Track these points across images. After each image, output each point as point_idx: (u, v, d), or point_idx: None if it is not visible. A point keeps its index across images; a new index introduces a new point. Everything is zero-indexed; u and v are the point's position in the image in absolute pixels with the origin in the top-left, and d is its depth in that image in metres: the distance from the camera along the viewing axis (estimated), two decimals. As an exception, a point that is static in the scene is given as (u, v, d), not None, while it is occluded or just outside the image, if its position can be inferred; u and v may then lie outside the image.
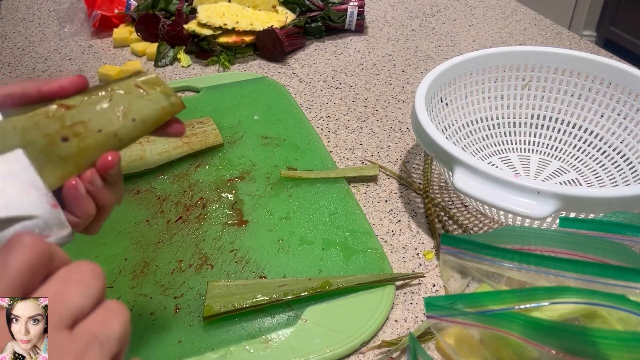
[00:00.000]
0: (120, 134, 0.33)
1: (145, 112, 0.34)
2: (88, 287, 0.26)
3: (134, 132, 0.34)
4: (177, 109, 0.35)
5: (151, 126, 0.35)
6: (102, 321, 0.26)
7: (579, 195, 0.46)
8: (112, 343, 0.26)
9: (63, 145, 0.31)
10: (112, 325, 0.26)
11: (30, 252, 0.25)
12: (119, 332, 0.26)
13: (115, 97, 0.33)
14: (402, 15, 1.05)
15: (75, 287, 0.26)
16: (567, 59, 0.65)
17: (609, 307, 0.34)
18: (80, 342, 0.25)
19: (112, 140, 0.33)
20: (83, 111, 0.32)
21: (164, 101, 0.34)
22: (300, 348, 0.46)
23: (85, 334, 0.25)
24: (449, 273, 0.43)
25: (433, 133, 0.53)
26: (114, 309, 0.27)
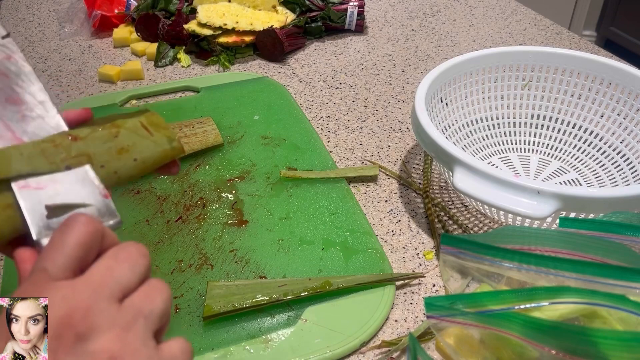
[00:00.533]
0: (120, 172, 0.34)
1: (147, 154, 0.35)
2: (135, 264, 0.28)
3: (133, 172, 0.35)
4: (177, 153, 0.36)
5: (150, 167, 0.36)
6: (147, 297, 0.28)
7: (579, 195, 0.46)
8: (155, 318, 0.28)
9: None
10: (156, 301, 0.28)
11: (85, 229, 0.28)
12: (161, 308, 0.28)
13: (121, 135, 0.34)
14: (402, 15, 1.05)
15: (124, 263, 0.28)
16: (567, 59, 0.65)
17: (609, 307, 0.34)
18: (128, 315, 0.27)
19: (111, 177, 0.34)
20: (89, 144, 0.33)
21: (166, 145, 0.36)
22: (300, 348, 0.46)
23: (132, 307, 0.27)
24: (449, 273, 0.43)
25: (433, 133, 0.53)
26: (157, 286, 0.29)
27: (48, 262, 0.27)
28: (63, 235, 0.27)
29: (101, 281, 0.27)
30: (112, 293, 0.27)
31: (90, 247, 0.28)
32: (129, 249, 0.29)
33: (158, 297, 0.28)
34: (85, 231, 0.28)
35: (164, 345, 0.28)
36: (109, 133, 0.34)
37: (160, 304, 0.28)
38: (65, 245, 0.27)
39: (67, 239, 0.27)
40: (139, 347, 0.26)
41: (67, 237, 0.27)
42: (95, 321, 0.25)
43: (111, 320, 0.26)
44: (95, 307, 0.26)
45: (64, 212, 0.30)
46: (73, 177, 0.31)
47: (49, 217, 0.29)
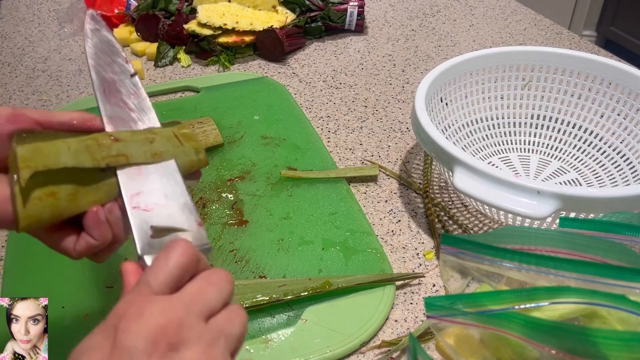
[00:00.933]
0: None
1: (177, 162, 0.38)
2: (222, 288, 0.31)
3: None
4: (202, 165, 0.40)
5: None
6: (229, 319, 0.31)
7: (579, 195, 0.46)
8: (234, 339, 0.30)
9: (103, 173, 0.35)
10: (236, 324, 0.31)
11: (186, 252, 0.31)
12: (240, 331, 0.31)
13: (156, 141, 0.37)
14: (402, 15, 1.05)
15: (213, 286, 0.31)
16: (567, 59, 0.65)
17: (609, 307, 0.34)
18: (212, 333, 0.29)
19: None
20: (128, 146, 0.36)
21: (194, 155, 0.39)
22: (300, 348, 0.46)
23: (216, 326, 0.30)
24: (449, 273, 0.43)
25: (433, 133, 0.53)
26: (237, 311, 0.32)
27: (152, 278, 0.30)
28: (167, 255, 0.31)
29: (193, 300, 0.30)
30: (201, 311, 0.29)
31: (188, 269, 0.31)
32: (218, 274, 0.32)
33: (238, 321, 0.31)
34: (186, 254, 0.31)
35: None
36: (146, 138, 0.37)
37: (239, 328, 0.31)
38: (168, 265, 0.30)
39: (170, 260, 0.31)
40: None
41: (170, 258, 0.31)
42: (186, 334, 0.28)
43: (199, 336, 0.29)
44: (186, 322, 0.28)
45: (166, 234, 0.34)
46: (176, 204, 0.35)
47: (152, 237, 0.33)
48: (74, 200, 0.34)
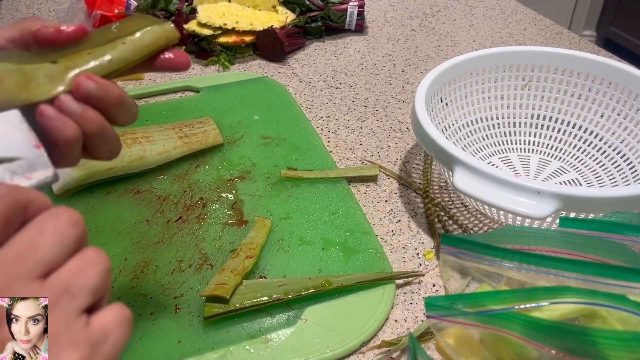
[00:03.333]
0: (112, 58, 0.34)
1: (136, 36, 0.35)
2: (63, 235, 0.25)
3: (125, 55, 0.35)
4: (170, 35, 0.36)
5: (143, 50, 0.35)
6: (77, 271, 0.25)
7: (579, 195, 0.46)
8: (85, 294, 0.25)
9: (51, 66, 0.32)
10: (87, 275, 0.25)
11: (2, 202, 0.25)
12: (94, 283, 0.26)
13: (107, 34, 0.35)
14: (402, 15, 1.05)
15: (50, 236, 0.25)
16: (567, 59, 0.65)
17: (609, 307, 0.34)
18: (49, 293, 0.24)
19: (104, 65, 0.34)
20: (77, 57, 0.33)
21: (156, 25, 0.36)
22: (300, 348, 0.46)
23: (56, 285, 0.25)
24: (449, 273, 0.43)
25: (433, 133, 0.53)
26: (91, 258, 0.26)
27: None
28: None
29: (19, 258, 0.24)
30: (33, 270, 0.24)
31: (10, 220, 0.25)
32: (57, 218, 0.26)
33: (91, 270, 0.26)
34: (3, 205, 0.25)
35: (95, 320, 0.26)
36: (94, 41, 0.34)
37: (93, 278, 0.25)
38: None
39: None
40: (61, 329, 0.24)
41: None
42: None
43: None
44: (9, 290, 0.23)
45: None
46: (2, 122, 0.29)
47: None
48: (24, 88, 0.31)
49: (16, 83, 0.31)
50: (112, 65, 0.34)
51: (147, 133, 0.65)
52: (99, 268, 0.26)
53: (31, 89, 0.31)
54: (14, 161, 0.28)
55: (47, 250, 0.25)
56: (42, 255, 0.25)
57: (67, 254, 0.26)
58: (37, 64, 0.32)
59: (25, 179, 0.29)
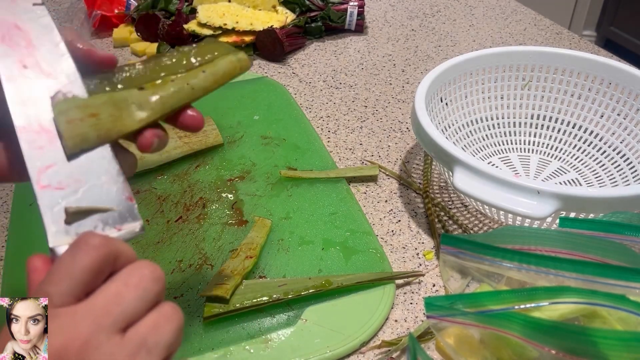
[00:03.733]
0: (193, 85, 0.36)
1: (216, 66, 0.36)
2: (145, 290, 0.26)
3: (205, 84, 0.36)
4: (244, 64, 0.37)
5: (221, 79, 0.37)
6: (154, 326, 0.26)
7: (579, 195, 0.46)
8: (160, 349, 0.26)
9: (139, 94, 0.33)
10: (163, 331, 0.26)
11: (96, 254, 0.26)
12: (169, 339, 0.26)
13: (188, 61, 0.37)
14: (402, 15, 1.05)
15: (134, 290, 0.26)
16: (567, 59, 0.65)
17: (609, 307, 0.34)
18: (129, 348, 0.25)
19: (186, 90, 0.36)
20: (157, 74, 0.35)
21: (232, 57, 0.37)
22: (300, 348, 0.46)
23: (135, 339, 0.25)
24: (449, 273, 0.43)
25: (433, 133, 0.53)
26: (168, 313, 0.27)
27: (52, 287, 0.25)
28: (72, 258, 0.25)
29: (105, 309, 0.25)
30: (115, 323, 0.25)
31: (100, 270, 0.26)
32: (141, 272, 0.27)
33: (167, 326, 0.26)
34: (97, 256, 0.26)
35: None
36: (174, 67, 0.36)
37: (168, 335, 0.26)
38: (73, 271, 0.25)
39: (76, 264, 0.25)
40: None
41: (76, 261, 0.25)
42: (91, 355, 0.24)
43: (109, 355, 0.24)
44: (93, 340, 0.24)
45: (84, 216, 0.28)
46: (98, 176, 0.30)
47: (67, 222, 0.28)
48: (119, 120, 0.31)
49: (111, 116, 0.31)
50: (195, 94, 0.36)
51: (147, 133, 0.65)
52: (175, 324, 0.27)
53: (123, 119, 0.32)
54: (107, 212, 0.29)
55: (131, 303, 0.25)
56: (126, 309, 0.25)
57: (147, 309, 0.26)
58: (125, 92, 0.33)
59: (115, 230, 0.30)
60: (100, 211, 0.29)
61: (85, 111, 0.31)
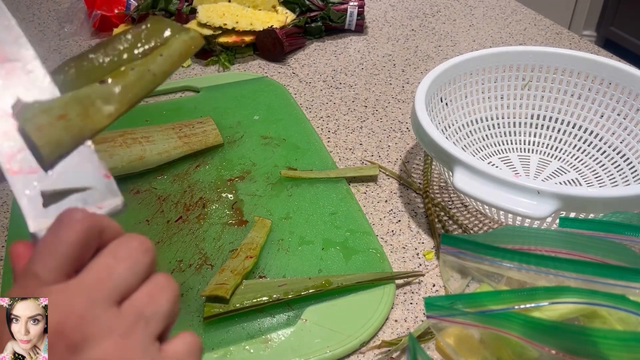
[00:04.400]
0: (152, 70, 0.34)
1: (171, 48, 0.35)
2: (136, 262, 0.26)
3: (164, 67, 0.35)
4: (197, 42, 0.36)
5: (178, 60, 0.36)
6: (149, 297, 0.26)
7: (579, 195, 0.46)
8: (158, 320, 0.26)
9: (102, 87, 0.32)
10: (160, 302, 0.26)
11: (81, 227, 0.25)
12: (166, 309, 0.26)
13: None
14: (402, 15, 1.05)
15: (123, 262, 0.25)
16: (567, 59, 0.65)
17: (609, 307, 0.34)
18: (127, 319, 0.25)
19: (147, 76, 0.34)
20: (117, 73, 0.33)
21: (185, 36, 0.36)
22: (300, 348, 0.46)
23: (132, 310, 0.25)
24: (449, 273, 0.43)
25: (433, 133, 0.53)
26: (162, 284, 0.26)
27: (39, 266, 0.24)
28: (56, 234, 0.25)
29: (97, 283, 0.24)
30: (110, 296, 0.25)
31: (87, 245, 0.26)
32: (130, 244, 0.26)
33: (162, 296, 0.26)
34: (81, 229, 0.25)
35: (168, 347, 0.26)
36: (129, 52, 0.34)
37: (164, 305, 0.26)
38: (58, 246, 0.25)
39: (61, 240, 0.25)
40: (139, 354, 0.24)
41: (60, 237, 0.25)
42: (89, 329, 0.23)
43: (108, 327, 0.24)
44: (89, 314, 0.24)
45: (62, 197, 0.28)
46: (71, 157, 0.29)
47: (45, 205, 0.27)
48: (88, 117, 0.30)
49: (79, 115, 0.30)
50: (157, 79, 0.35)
51: (147, 133, 0.65)
52: (169, 294, 0.26)
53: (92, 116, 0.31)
54: (85, 191, 0.29)
55: (123, 276, 0.25)
56: (118, 282, 0.25)
57: (139, 280, 0.26)
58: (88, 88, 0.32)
59: (96, 208, 0.29)
60: (78, 191, 0.28)
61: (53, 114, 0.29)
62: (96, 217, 0.26)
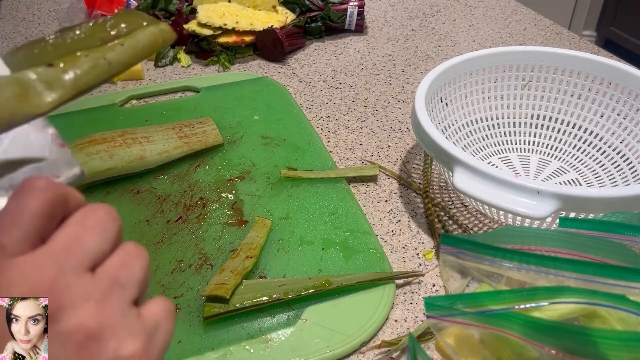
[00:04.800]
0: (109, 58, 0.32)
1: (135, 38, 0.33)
2: (105, 229, 0.26)
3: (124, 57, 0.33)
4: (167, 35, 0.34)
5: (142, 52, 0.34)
6: (122, 264, 0.25)
7: (579, 195, 0.46)
8: (133, 286, 0.25)
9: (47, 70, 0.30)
10: (133, 268, 0.26)
11: (45, 196, 0.24)
12: (139, 275, 0.26)
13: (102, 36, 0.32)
14: (402, 15, 1.05)
15: (92, 229, 0.25)
16: (567, 59, 0.65)
17: (609, 307, 0.34)
18: (102, 286, 0.24)
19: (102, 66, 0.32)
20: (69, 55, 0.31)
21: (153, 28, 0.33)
22: (300, 348, 0.46)
23: (106, 276, 0.25)
24: (449, 273, 0.43)
25: (433, 133, 0.53)
26: (133, 251, 0.26)
27: (4, 237, 0.23)
28: (19, 203, 0.24)
29: (66, 251, 0.24)
30: (81, 263, 0.24)
31: (52, 214, 0.25)
32: (97, 213, 0.26)
33: (135, 263, 0.26)
34: (45, 198, 0.24)
35: (145, 311, 0.26)
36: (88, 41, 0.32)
37: (137, 271, 0.26)
38: (22, 216, 0.24)
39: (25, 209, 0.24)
40: (119, 319, 0.24)
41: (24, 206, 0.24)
42: (64, 297, 0.23)
43: (83, 294, 0.23)
44: (61, 282, 0.23)
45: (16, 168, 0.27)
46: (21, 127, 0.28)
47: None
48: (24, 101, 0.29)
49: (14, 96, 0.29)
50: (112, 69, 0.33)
51: (147, 133, 0.65)
52: (141, 261, 0.26)
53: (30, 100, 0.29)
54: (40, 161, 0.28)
55: (91, 243, 0.25)
56: (88, 249, 0.25)
57: (109, 248, 0.26)
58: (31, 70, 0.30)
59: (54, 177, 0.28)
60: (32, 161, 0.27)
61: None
62: (60, 186, 0.26)
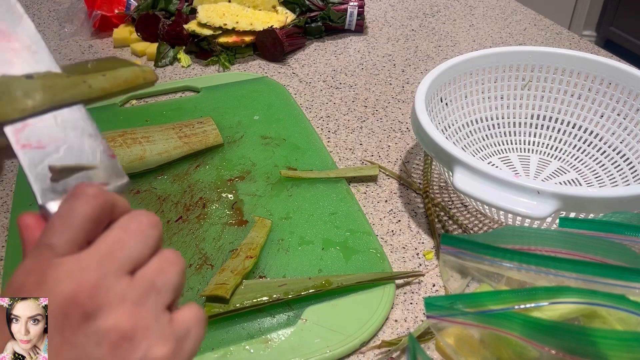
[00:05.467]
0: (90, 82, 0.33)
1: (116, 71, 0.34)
2: (146, 235, 0.27)
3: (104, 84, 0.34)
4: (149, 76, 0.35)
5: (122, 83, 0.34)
6: (160, 269, 0.27)
7: (579, 195, 0.46)
8: (168, 291, 0.27)
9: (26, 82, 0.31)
10: (169, 274, 0.27)
11: (94, 202, 0.26)
12: (174, 281, 0.27)
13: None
14: (402, 15, 1.05)
15: (134, 235, 0.27)
16: (567, 59, 0.65)
17: (609, 307, 0.34)
18: (139, 289, 0.25)
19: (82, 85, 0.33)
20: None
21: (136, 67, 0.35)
22: (300, 348, 0.46)
23: (143, 281, 0.26)
24: (449, 273, 0.43)
25: (433, 133, 0.53)
26: (170, 257, 0.27)
27: (54, 238, 0.25)
28: (71, 207, 0.26)
29: (109, 254, 0.25)
30: (122, 266, 0.25)
31: (100, 219, 0.27)
32: (139, 219, 0.27)
33: (172, 269, 0.27)
34: (95, 204, 0.26)
35: (177, 316, 0.27)
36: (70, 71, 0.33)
37: (173, 277, 0.27)
38: (72, 220, 0.26)
39: (75, 213, 0.26)
40: (152, 323, 0.25)
41: (74, 210, 0.26)
42: (103, 298, 0.24)
43: (121, 296, 0.25)
44: (103, 283, 0.24)
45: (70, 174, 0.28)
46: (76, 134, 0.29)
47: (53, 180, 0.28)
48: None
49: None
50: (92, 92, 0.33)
51: (147, 133, 0.65)
52: (178, 267, 0.27)
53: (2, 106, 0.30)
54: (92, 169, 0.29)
55: (133, 248, 0.26)
56: (130, 253, 0.26)
57: (149, 253, 0.27)
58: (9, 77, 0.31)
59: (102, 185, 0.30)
60: (84, 169, 0.29)
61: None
62: (108, 193, 0.27)
